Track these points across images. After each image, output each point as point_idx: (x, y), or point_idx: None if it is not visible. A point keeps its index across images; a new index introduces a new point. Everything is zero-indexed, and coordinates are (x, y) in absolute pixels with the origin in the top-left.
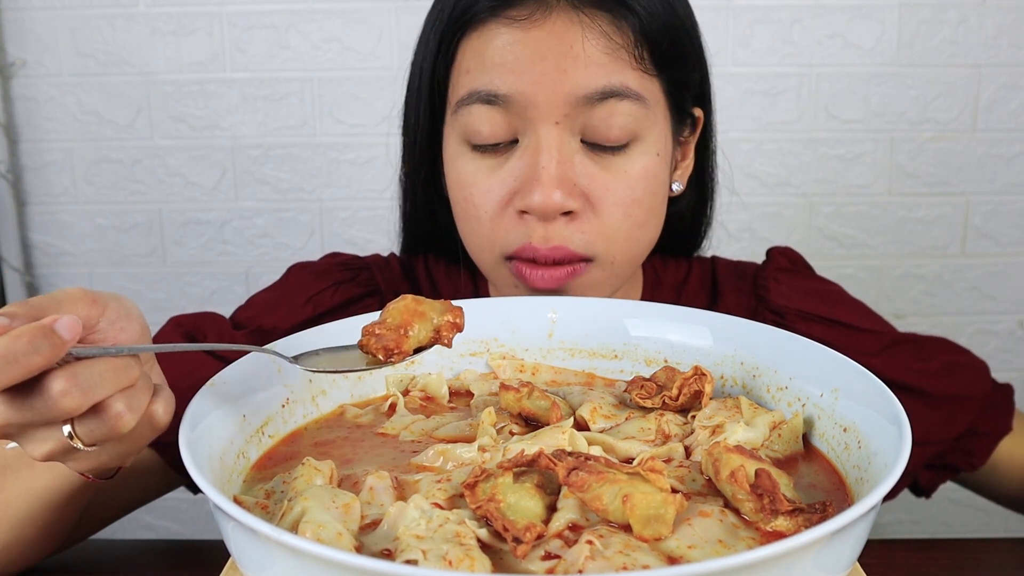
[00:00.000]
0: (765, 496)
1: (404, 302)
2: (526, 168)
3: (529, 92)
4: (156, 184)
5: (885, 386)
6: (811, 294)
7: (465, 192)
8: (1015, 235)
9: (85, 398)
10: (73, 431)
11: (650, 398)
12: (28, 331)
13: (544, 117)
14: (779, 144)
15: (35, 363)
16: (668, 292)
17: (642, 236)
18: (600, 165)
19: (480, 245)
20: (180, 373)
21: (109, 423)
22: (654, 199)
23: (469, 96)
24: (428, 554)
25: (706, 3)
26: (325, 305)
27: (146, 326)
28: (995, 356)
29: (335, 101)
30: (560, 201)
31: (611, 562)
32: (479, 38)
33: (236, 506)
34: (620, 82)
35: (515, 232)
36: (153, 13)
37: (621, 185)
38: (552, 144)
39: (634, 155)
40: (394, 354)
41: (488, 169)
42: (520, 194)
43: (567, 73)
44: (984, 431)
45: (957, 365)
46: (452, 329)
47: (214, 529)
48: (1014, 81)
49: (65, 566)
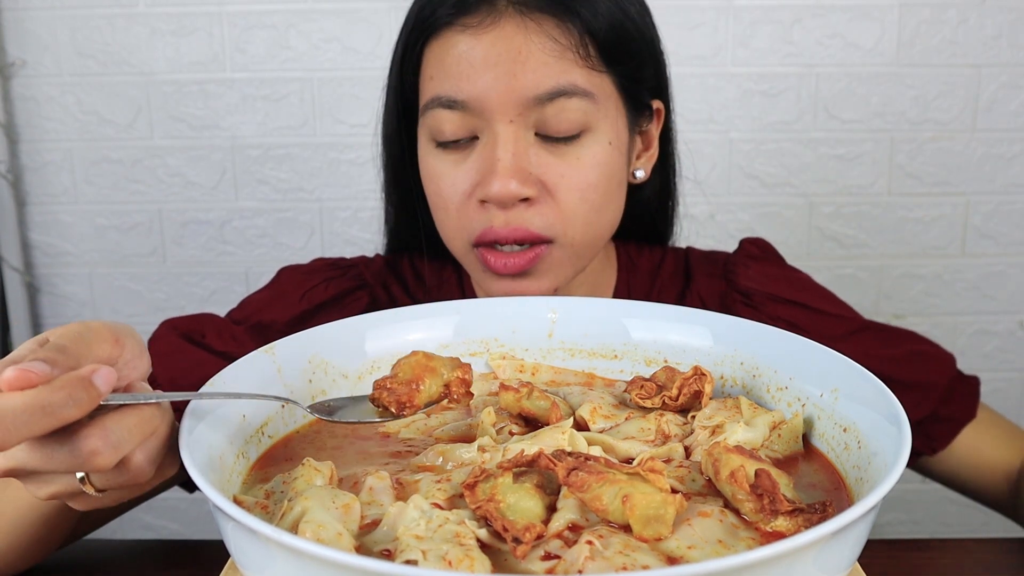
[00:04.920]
0: (765, 496)
1: (415, 357)
2: (484, 162)
3: (483, 96)
4: (156, 184)
5: (885, 386)
6: (779, 279)
7: (434, 185)
8: (1015, 235)
9: (115, 456)
10: (87, 478)
11: (650, 398)
12: (67, 383)
13: (499, 117)
14: (779, 144)
15: (71, 415)
16: (643, 277)
17: (599, 219)
18: (554, 155)
19: (450, 234)
20: (180, 372)
21: (129, 475)
22: (609, 184)
23: (432, 101)
24: (428, 554)
25: (706, 3)
26: (318, 299)
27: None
28: (995, 356)
29: (335, 101)
30: (516, 189)
31: (611, 562)
32: (440, 46)
33: (236, 506)
34: (567, 81)
35: (478, 220)
36: (153, 13)
37: (574, 172)
38: (507, 139)
39: (586, 144)
40: (406, 407)
41: (453, 164)
42: (480, 185)
43: (517, 77)
44: (946, 417)
45: (922, 354)
46: (462, 385)
47: (214, 529)
48: (1014, 81)
49: (65, 566)
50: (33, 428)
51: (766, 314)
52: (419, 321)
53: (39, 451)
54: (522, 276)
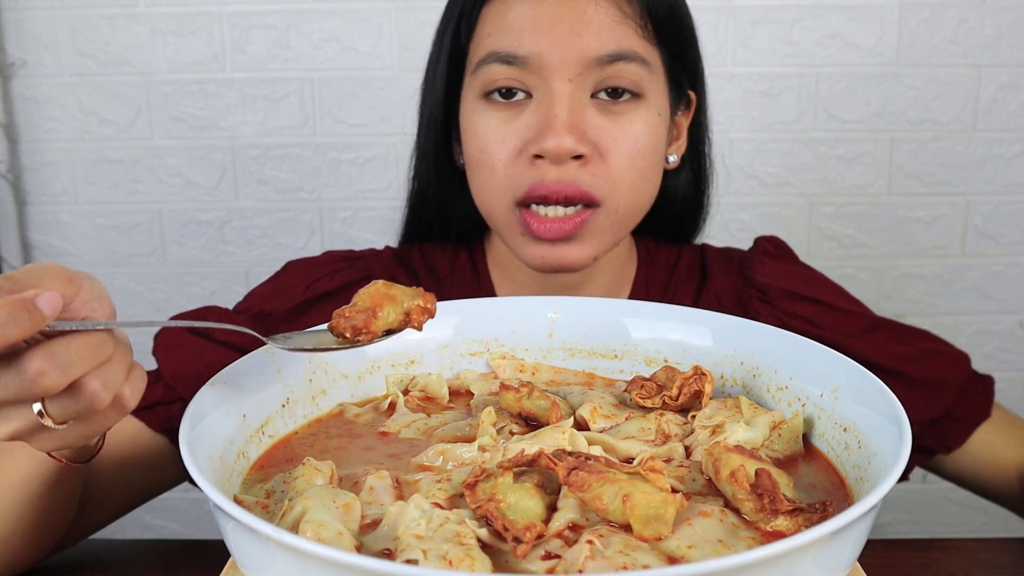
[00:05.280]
0: (765, 496)
1: (375, 287)
2: (540, 118)
3: (545, 53)
4: (156, 184)
5: (885, 386)
6: (795, 275)
7: (480, 142)
8: (1015, 235)
9: (62, 377)
10: (44, 409)
11: (650, 398)
12: (8, 303)
13: (558, 75)
14: (779, 144)
15: (12, 334)
16: (660, 272)
17: (644, 188)
18: (608, 117)
19: (493, 194)
20: (184, 363)
21: (84, 401)
22: (655, 155)
23: (489, 56)
24: (428, 554)
25: (706, 3)
26: (322, 289)
27: (114, 309)
28: (995, 356)
29: (335, 101)
30: (572, 145)
31: (611, 562)
32: (501, 5)
33: (236, 506)
34: (627, 47)
35: (527, 176)
36: (153, 13)
37: (627, 136)
38: (565, 97)
39: (640, 111)
40: (362, 333)
41: (503, 120)
42: (535, 140)
43: (581, 36)
44: (960, 416)
45: (936, 352)
46: (422, 313)
47: (214, 529)
48: (1014, 81)
49: (65, 566)
50: None
51: (782, 310)
52: None
53: None
54: (564, 241)
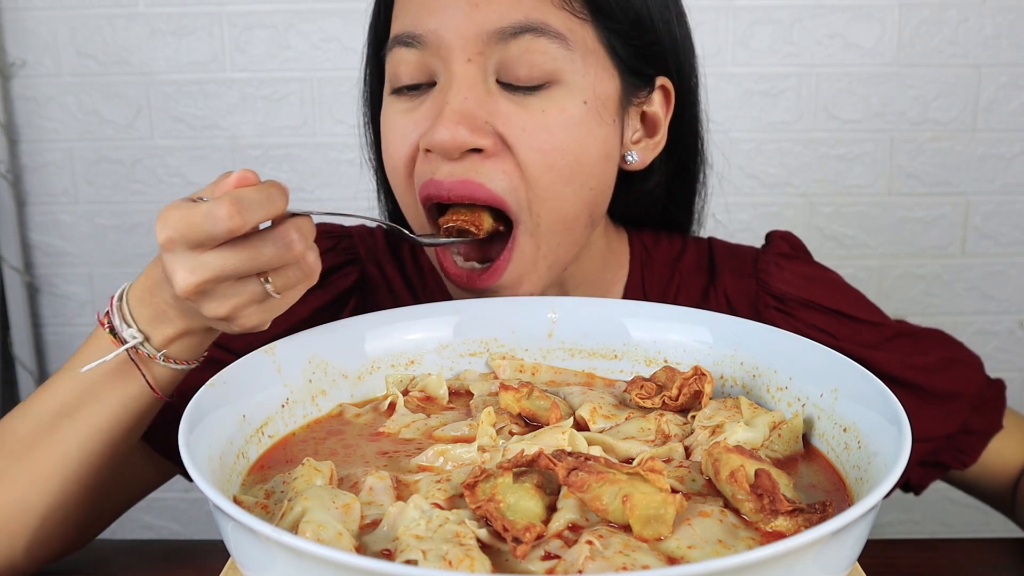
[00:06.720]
0: (765, 496)
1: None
2: (434, 107)
3: (441, 29)
4: (156, 184)
5: (885, 386)
6: (813, 281)
7: (384, 140)
8: (1015, 235)
9: (303, 245)
10: (268, 279)
11: (650, 398)
12: (266, 185)
13: (456, 55)
14: (779, 144)
15: (280, 206)
16: (661, 268)
17: (570, 195)
18: (516, 104)
19: (405, 200)
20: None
21: (305, 269)
22: (582, 152)
23: (393, 41)
24: (428, 554)
25: (706, 3)
26: None
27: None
28: (995, 356)
29: (335, 101)
30: (464, 137)
31: (611, 562)
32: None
33: (236, 506)
34: (538, 18)
35: (420, 174)
36: (153, 13)
37: (538, 127)
38: (461, 81)
39: (554, 97)
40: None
41: (404, 112)
42: (425, 134)
43: (479, 7)
44: (976, 429)
45: (953, 360)
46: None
47: (214, 529)
48: (1014, 81)
49: (65, 566)
50: (261, 212)
51: (801, 321)
52: (418, 321)
53: (246, 251)
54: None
